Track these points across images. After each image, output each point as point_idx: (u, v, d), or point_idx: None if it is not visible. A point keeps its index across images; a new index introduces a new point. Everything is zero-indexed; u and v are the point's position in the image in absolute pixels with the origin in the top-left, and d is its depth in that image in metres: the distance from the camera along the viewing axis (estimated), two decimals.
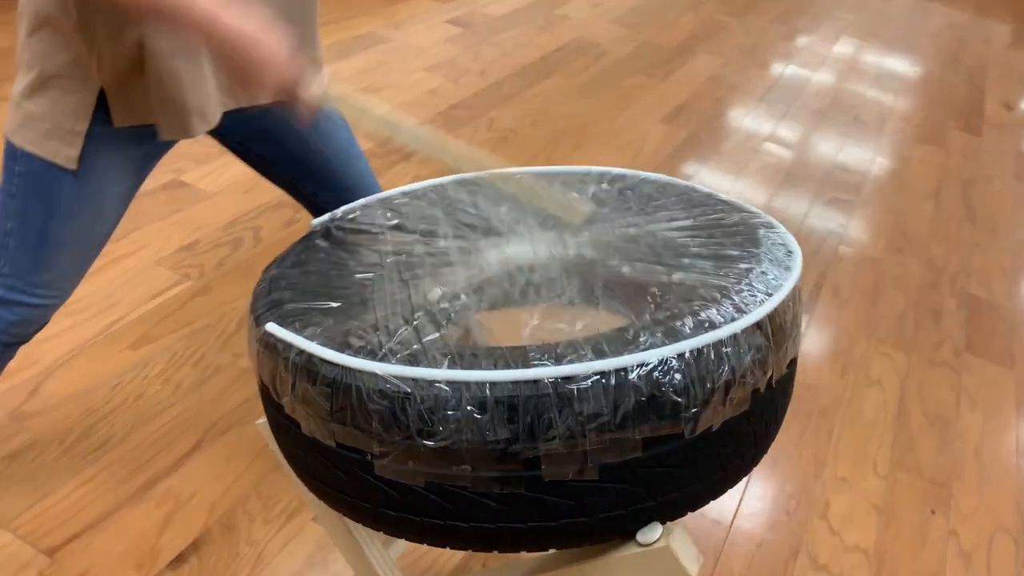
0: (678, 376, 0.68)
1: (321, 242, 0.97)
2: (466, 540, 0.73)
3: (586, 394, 0.66)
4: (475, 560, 1.33)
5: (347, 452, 0.72)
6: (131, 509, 1.32)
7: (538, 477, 0.68)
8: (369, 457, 0.71)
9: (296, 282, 0.87)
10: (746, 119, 3.07)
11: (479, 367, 0.68)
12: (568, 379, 0.66)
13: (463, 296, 0.81)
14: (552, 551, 0.77)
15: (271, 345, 0.76)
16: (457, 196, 1.06)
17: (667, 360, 0.68)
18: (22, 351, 1.58)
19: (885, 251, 2.35)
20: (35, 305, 1.10)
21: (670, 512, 0.74)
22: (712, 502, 0.75)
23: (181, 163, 2.19)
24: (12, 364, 1.52)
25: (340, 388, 0.70)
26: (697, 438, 0.70)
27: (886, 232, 2.46)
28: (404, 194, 1.08)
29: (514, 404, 0.66)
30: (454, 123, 2.69)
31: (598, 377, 0.66)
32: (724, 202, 0.99)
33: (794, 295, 0.78)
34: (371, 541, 1.01)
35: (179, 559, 1.26)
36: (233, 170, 2.18)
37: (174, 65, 0.95)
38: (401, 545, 1.19)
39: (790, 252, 0.85)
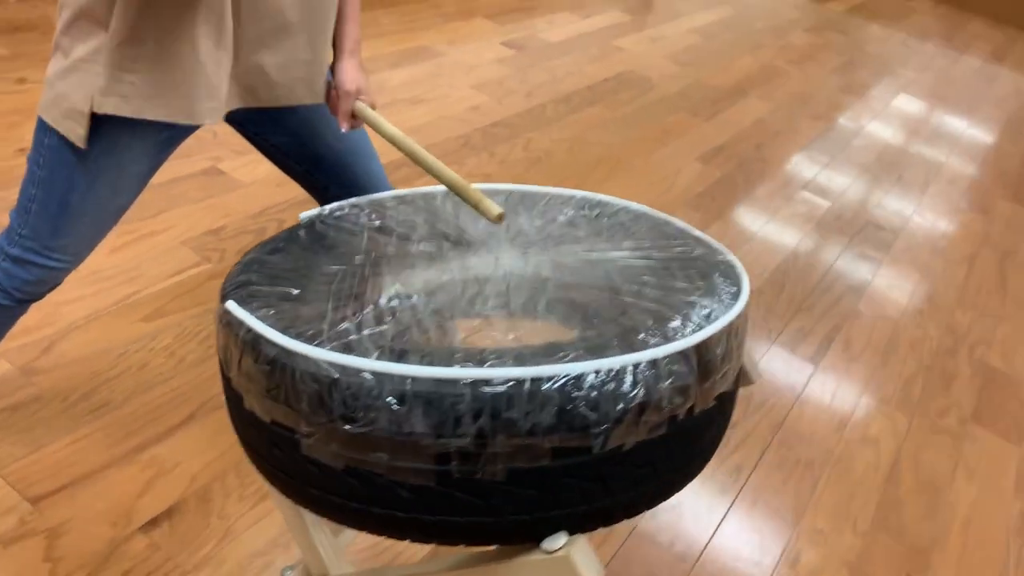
0: (593, 392, 0.70)
1: (303, 234, 1.02)
2: (380, 526, 0.76)
3: (500, 398, 0.69)
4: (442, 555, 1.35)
5: (279, 429, 0.76)
6: (117, 471, 1.39)
7: (448, 472, 0.71)
8: (297, 436, 0.75)
9: (268, 267, 0.92)
10: (786, 166, 3.06)
11: (405, 362, 0.72)
12: (485, 382, 0.70)
13: (414, 298, 0.85)
14: (466, 550, 0.80)
15: (227, 322, 0.81)
16: (443, 206, 1.10)
17: (583, 375, 0.70)
18: (44, 310, 1.67)
19: (905, 312, 2.32)
20: (49, 267, 1.18)
21: (580, 524, 0.76)
22: (679, 535, 0.77)
23: (220, 152, 2.29)
24: (30, 322, 1.63)
25: (278, 368, 0.74)
26: (607, 455, 0.72)
27: (911, 293, 2.42)
28: (395, 198, 1.13)
29: (431, 400, 0.70)
30: (492, 140, 2.75)
31: (513, 383, 0.69)
32: (694, 238, 1.02)
33: (729, 331, 0.80)
34: (319, 527, 1.05)
35: (152, 523, 1.32)
36: (269, 164, 2.26)
37: (207, 45, 1.01)
38: (350, 535, 1.23)
39: (738, 292, 0.87)
